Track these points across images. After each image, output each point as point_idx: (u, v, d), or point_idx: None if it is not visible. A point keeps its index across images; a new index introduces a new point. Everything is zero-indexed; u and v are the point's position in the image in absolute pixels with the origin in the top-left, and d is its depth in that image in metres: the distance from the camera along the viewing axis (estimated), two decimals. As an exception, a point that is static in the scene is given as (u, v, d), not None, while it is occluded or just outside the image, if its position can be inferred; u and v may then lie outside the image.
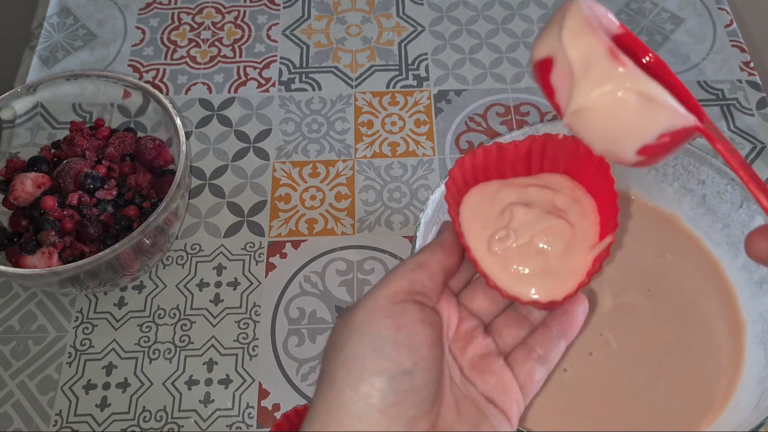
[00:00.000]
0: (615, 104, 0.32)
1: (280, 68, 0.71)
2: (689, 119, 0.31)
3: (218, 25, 0.74)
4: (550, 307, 0.35)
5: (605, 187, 0.35)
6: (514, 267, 0.35)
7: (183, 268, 0.60)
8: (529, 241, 0.35)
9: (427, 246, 0.35)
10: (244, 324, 0.57)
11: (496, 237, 0.35)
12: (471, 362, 0.34)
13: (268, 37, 0.74)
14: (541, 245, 0.35)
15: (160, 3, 0.76)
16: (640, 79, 0.31)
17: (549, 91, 0.34)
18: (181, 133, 0.56)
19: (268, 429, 0.53)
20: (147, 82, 0.70)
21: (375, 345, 0.30)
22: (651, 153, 0.33)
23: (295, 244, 0.61)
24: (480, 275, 0.35)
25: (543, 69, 0.34)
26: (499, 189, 0.37)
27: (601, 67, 0.31)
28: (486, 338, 0.35)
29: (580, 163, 0.36)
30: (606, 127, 0.33)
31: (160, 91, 0.69)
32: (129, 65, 0.72)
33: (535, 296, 0.34)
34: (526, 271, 0.35)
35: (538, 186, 0.37)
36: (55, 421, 0.53)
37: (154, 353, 0.56)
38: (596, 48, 0.32)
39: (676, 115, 0.31)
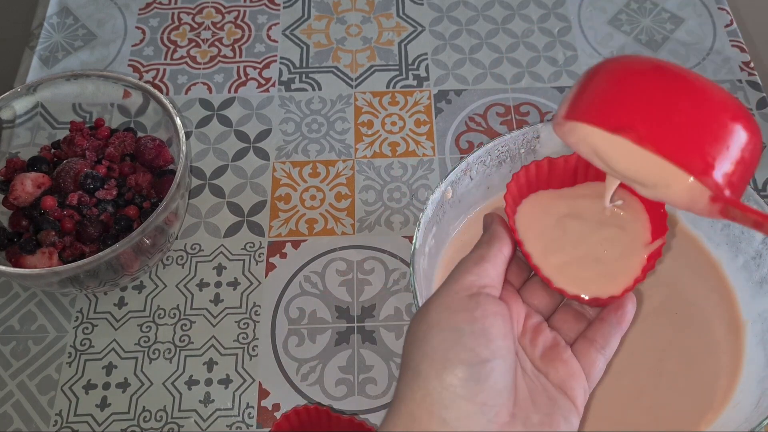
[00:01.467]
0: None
1: (280, 68, 0.71)
2: None
3: (218, 25, 0.75)
4: (609, 302, 0.38)
5: None
6: (574, 274, 0.37)
7: (183, 268, 0.60)
8: (586, 252, 0.38)
9: (481, 241, 0.37)
10: (244, 324, 0.57)
11: (554, 250, 0.38)
12: (542, 353, 0.36)
13: (268, 37, 0.74)
14: (597, 254, 0.38)
15: (160, 3, 0.76)
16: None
17: None
18: (181, 133, 0.56)
19: (268, 429, 0.53)
20: (147, 82, 0.70)
21: (454, 337, 0.32)
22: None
23: (295, 244, 0.61)
24: (541, 278, 0.38)
25: None
26: (551, 200, 0.40)
27: None
28: (552, 332, 0.37)
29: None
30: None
31: (160, 91, 0.69)
32: (129, 65, 0.72)
33: (596, 294, 0.37)
34: (586, 276, 0.37)
35: (589, 197, 0.40)
36: (55, 421, 0.53)
37: (154, 353, 0.56)
38: None
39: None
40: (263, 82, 0.70)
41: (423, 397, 0.31)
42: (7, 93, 0.59)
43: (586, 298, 0.37)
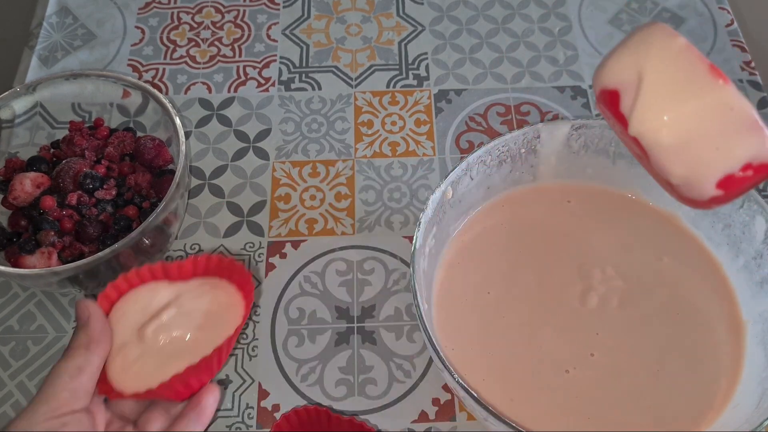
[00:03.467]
0: (709, 120, 0.30)
1: (279, 68, 0.71)
2: None
3: (218, 25, 0.74)
4: (187, 396, 0.40)
5: (249, 286, 0.42)
6: (148, 368, 0.39)
7: (182, 268, 0.60)
8: (165, 342, 0.40)
9: (78, 344, 0.37)
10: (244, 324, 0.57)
11: (129, 345, 0.40)
12: None
13: (268, 36, 0.74)
14: (173, 346, 0.40)
15: (160, 2, 0.76)
16: (739, 98, 0.30)
17: (614, 98, 0.33)
18: (181, 132, 0.56)
19: (268, 429, 0.53)
20: (146, 81, 0.70)
21: None
22: (730, 187, 0.32)
23: (295, 244, 0.61)
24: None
25: (612, 94, 0.33)
26: (143, 295, 0.43)
27: (699, 81, 0.31)
28: None
29: (232, 271, 0.44)
30: (693, 148, 0.31)
31: (160, 90, 0.69)
32: (128, 65, 0.72)
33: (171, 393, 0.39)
34: (162, 369, 0.39)
35: (188, 288, 0.43)
36: (55, 422, 0.53)
37: (153, 353, 0.56)
38: (696, 64, 0.31)
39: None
40: (263, 81, 0.70)
41: None
42: (7, 93, 0.59)
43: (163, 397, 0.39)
